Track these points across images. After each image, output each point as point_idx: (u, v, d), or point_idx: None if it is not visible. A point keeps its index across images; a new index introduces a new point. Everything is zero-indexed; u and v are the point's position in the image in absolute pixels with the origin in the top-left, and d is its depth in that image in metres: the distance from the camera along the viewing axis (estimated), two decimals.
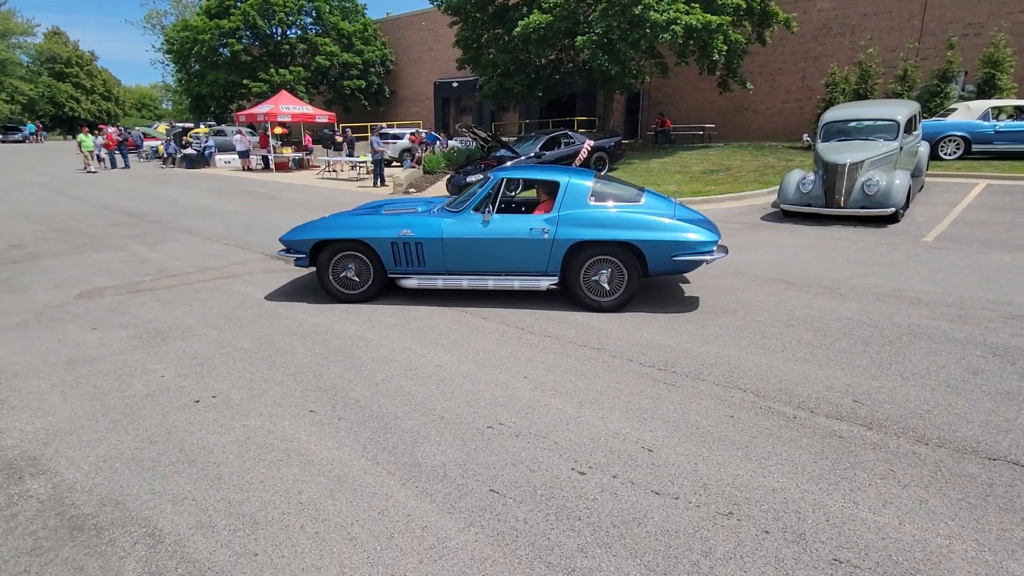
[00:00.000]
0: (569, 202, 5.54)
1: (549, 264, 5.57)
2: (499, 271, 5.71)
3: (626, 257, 5.40)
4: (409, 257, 5.78)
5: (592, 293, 5.54)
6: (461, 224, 5.66)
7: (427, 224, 5.71)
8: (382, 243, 5.75)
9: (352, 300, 5.96)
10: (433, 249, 5.70)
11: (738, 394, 3.81)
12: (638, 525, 2.59)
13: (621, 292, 5.49)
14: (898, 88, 16.91)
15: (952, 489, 2.77)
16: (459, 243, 5.64)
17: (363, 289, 5.95)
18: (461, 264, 5.74)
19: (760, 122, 23.09)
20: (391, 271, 5.89)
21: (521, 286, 5.70)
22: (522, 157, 14.19)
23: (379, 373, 4.27)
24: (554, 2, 17.07)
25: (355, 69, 34.43)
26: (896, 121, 9.47)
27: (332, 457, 3.19)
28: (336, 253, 5.89)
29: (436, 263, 5.77)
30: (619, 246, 5.39)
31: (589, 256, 5.46)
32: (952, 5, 18.67)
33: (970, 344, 4.46)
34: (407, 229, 5.70)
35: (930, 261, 6.82)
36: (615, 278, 5.48)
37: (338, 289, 5.98)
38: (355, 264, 5.90)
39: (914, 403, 3.60)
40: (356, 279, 5.93)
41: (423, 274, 5.85)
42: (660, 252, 5.33)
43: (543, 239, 5.47)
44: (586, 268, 5.51)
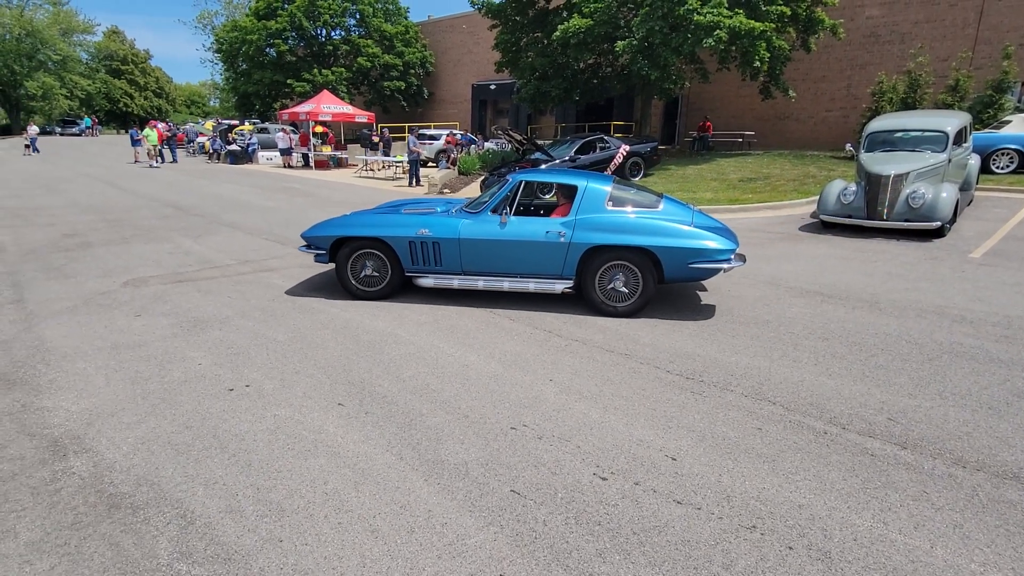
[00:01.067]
0: (587, 206, 5.54)
1: (565, 267, 5.58)
2: (514, 273, 5.75)
3: (642, 263, 5.38)
4: (426, 256, 5.85)
5: (607, 298, 5.53)
6: (478, 225, 5.71)
7: (445, 224, 5.77)
8: (400, 242, 5.83)
9: (369, 297, 6.06)
10: (450, 249, 5.76)
11: (767, 406, 3.74)
12: (658, 533, 2.57)
13: (636, 297, 5.47)
14: (949, 99, 16.34)
15: (989, 515, 2.68)
16: (476, 244, 5.69)
17: (380, 287, 6.03)
18: (477, 265, 5.79)
19: (802, 130, 22.59)
20: (408, 270, 5.97)
21: (536, 288, 5.71)
22: (556, 160, 14.19)
23: (406, 370, 4.33)
24: (594, 6, 17.04)
25: (395, 71, 34.95)
26: (945, 132, 9.16)
27: (358, 450, 3.25)
28: (355, 251, 5.99)
29: (452, 263, 5.83)
30: (635, 251, 5.37)
31: (605, 261, 5.45)
32: (1009, 13, 17.98)
33: (1016, 365, 4.29)
34: (425, 229, 5.77)
35: (976, 278, 6.58)
36: (630, 283, 5.46)
37: (356, 286, 6.07)
38: (373, 262, 5.99)
39: (952, 424, 3.48)
40: (374, 276, 6.02)
41: (439, 274, 5.92)
42: (676, 258, 5.30)
43: (559, 242, 5.49)
44: (601, 272, 5.51)
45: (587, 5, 17.22)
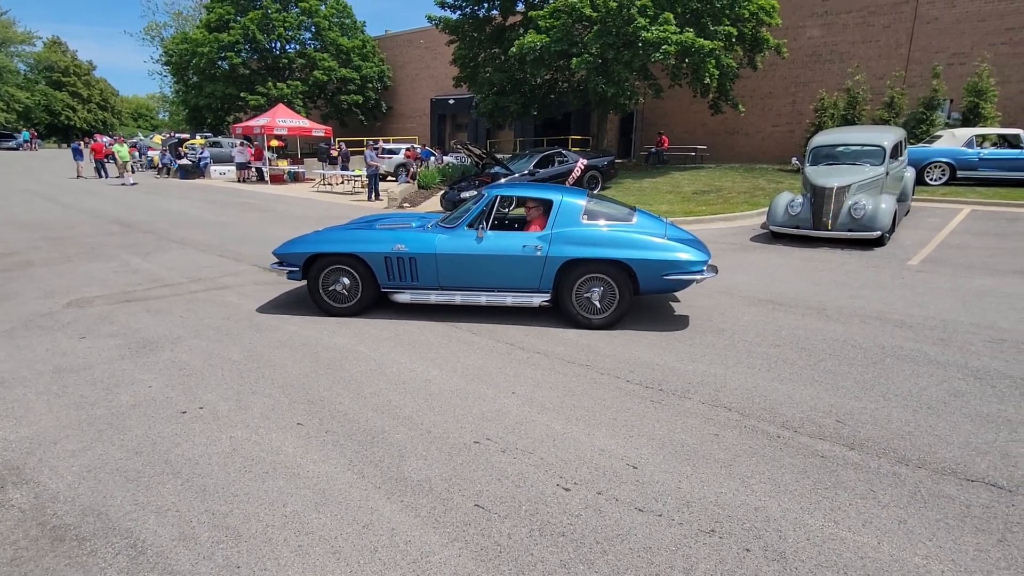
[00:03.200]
0: (562, 220, 5.59)
1: (542, 281, 5.62)
2: (492, 287, 5.76)
3: (618, 275, 5.45)
4: (403, 272, 5.82)
5: (584, 310, 5.58)
6: (455, 240, 5.71)
7: (421, 239, 5.75)
8: (376, 258, 5.79)
9: (341, 313, 5.98)
10: (427, 264, 5.74)
11: (723, 413, 3.85)
12: (621, 542, 2.61)
13: (613, 310, 5.53)
14: (885, 114, 17.23)
15: (931, 510, 2.81)
16: (452, 259, 5.68)
17: (353, 303, 5.97)
18: (454, 280, 5.78)
19: (751, 145, 23.40)
20: (384, 286, 5.92)
21: (514, 302, 5.73)
22: (516, 174, 14.32)
23: (368, 387, 4.28)
24: (550, 23, 17.34)
25: (353, 84, 34.71)
26: (882, 146, 9.65)
27: (318, 470, 3.19)
28: (326, 267, 5.92)
29: (429, 278, 5.81)
30: (611, 264, 5.44)
31: (581, 274, 5.51)
32: (937, 35, 19.12)
33: (951, 367, 4.53)
34: (401, 244, 5.75)
35: (915, 284, 6.93)
36: (607, 296, 5.53)
37: (328, 302, 6.00)
38: (346, 278, 5.92)
39: (895, 424, 3.65)
40: (346, 293, 5.96)
41: (416, 289, 5.89)
42: (651, 271, 5.39)
43: (536, 256, 5.53)
44: (578, 285, 5.55)
45: (543, 22, 17.51)
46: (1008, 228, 9.99)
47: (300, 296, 6.75)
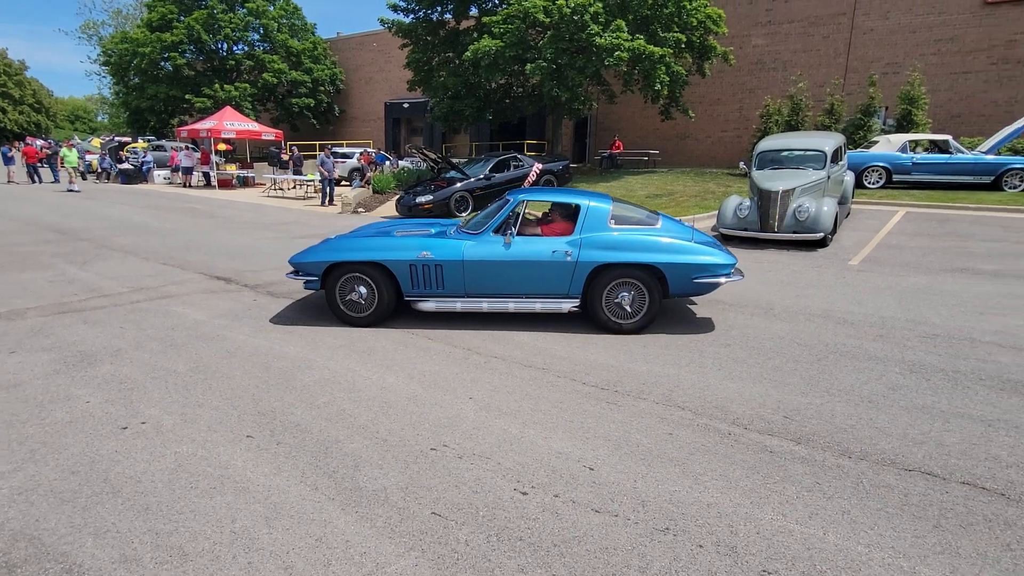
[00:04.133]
0: (590, 225, 5.56)
1: (571, 286, 5.56)
2: (520, 293, 5.66)
3: (648, 279, 5.45)
4: (428, 280, 5.66)
5: (614, 315, 5.54)
6: (482, 246, 5.60)
7: (448, 246, 5.62)
8: (400, 265, 5.62)
9: (359, 324, 5.80)
10: (453, 271, 5.60)
11: (677, 412, 3.92)
12: (578, 544, 2.62)
13: (643, 314, 5.51)
14: (826, 120, 17.97)
15: (872, 499, 2.93)
16: (480, 265, 5.56)
17: (370, 312, 5.77)
18: (481, 287, 5.66)
19: (701, 149, 24.04)
20: (408, 294, 5.75)
21: (543, 309, 5.64)
22: (471, 179, 14.31)
23: (321, 396, 4.19)
24: (504, 28, 17.43)
25: (304, 87, 34.02)
26: (823, 152, 10.06)
27: (269, 483, 3.10)
28: (344, 275, 5.73)
29: (456, 286, 5.67)
30: (642, 268, 5.44)
31: (612, 279, 5.48)
32: (873, 45, 20.07)
33: (890, 361, 4.75)
34: (427, 251, 5.59)
35: (855, 283, 7.23)
36: (636, 300, 5.50)
37: (346, 313, 5.81)
38: (363, 287, 5.73)
39: (839, 418, 3.80)
40: (363, 302, 5.77)
41: (442, 297, 5.73)
42: (682, 274, 5.42)
43: (566, 262, 5.48)
44: (608, 291, 5.52)
45: (497, 27, 17.58)
46: (939, 229, 10.55)
47: (249, 305, 6.56)
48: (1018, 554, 2.53)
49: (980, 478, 3.10)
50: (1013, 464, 3.23)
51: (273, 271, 8.26)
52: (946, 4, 18.73)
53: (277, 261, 8.98)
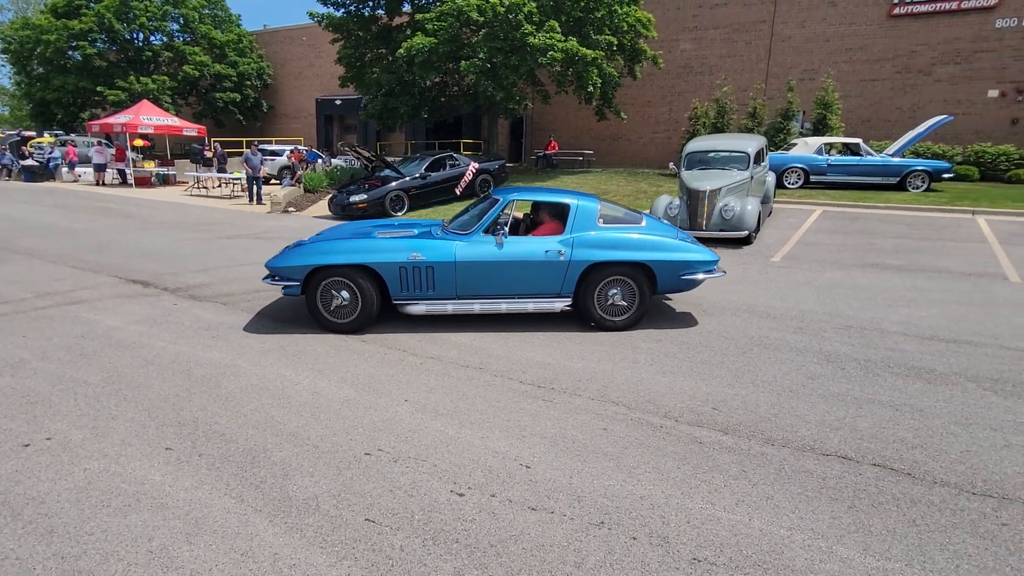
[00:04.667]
0: (580, 224, 5.59)
1: (564, 285, 5.58)
2: (512, 294, 5.61)
3: (638, 277, 5.55)
4: (419, 282, 5.50)
5: (606, 313, 5.61)
6: (474, 247, 5.50)
7: (439, 247, 5.48)
8: (390, 268, 5.42)
9: (343, 330, 5.53)
10: (445, 273, 5.47)
11: (611, 407, 3.99)
12: (515, 543, 2.62)
13: (634, 311, 5.61)
14: (749, 123, 18.80)
15: (793, 484, 3.08)
16: (473, 266, 5.47)
17: (354, 317, 5.52)
18: (473, 288, 5.57)
19: (633, 150, 24.66)
20: (396, 297, 5.56)
21: (535, 308, 5.62)
22: (406, 177, 14.11)
23: (248, 403, 4.01)
24: (438, 25, 17.27)
25: (229, 81, 32.54)
26: (747, 153, 10.52)
27: (190, 498, 2.94)
28: (327, 279, 5.45)
29: (447, 288, 5.54)
30: (632, 266, 5.53)
31: (604, 277, 5.54)
32: (791, 52, 21.17)
33: (809, 352, 5.01)
34: (418, 253, 5.43)
35: (777, 279, 7.60)
36: (627, 297, 5.60)
37: (330, 319, 5.54)
38: (345, 291, 5.47)
39: (763, 408, 3.97)
40: (346, 307, 5.51)
41: (432, 299, 5.58)
42: (670, 271, 5.57)
43: (559, 261, 5.48)
44: (600, 288, 5.57)
45: (431, 24, 17.41)
46: (851, 226, 11.24)
47: (169, 309, 6.22)
48: (922, 529, 2.71)
49: (889, 460, 3.31)
50: (918, 445, 3.47)
51: (196, 273, 7.86)
52: (856, 15, 19.98)
53: (201, 262, 8.56)
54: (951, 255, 8.83)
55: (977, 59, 18.57)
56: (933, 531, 2.70)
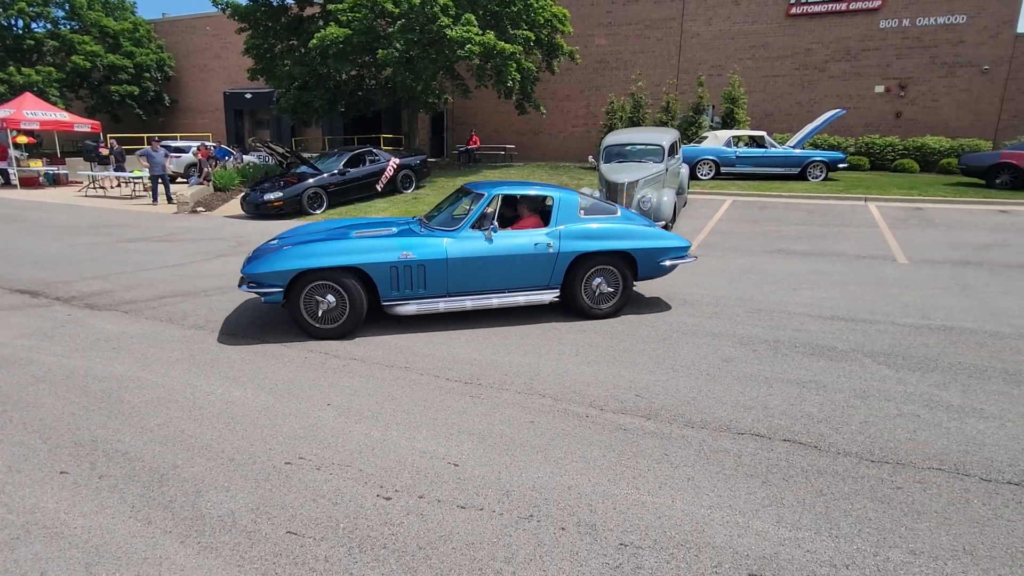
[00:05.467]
0: (564, 216, 5.72)
1: (552, 277, 5.68)
2: (503, 288, 5.63)
3: (621, 265, 5.77)
4: (410, 281, 5.36)
5: (593, 302, 5.77)
6: (464, 243, 5.44)
7: (428, 244, 5.38)
8: (380, 268, 5.23)
9: (330, 336, 5.26)
10: (437, 271, 5.37)
11: (538, 400, 4.02)
12: (444, 543, 2.58)
13: (618, 298, 5.83)
14: (663, 117, 19.47)
15: (712, 464, 3.21)
16: (464, 262, 5.41)
17: (342, 322, 5.27)
18: (465, 284, 5.52)
19: (554, 144, 24.98)
20: (386, 298, 5.37)
21: (526, 301, 5.68)
22: (324, 174, 13.66)
23: (154, 418, 3.75)
24: (351, 16, 16.77)
25: (125, 73, 30.23)
26: (662, 146, 10.87)
27: (89, 524, 2.70)
28: (309, 284, 5.14)
29: (438, 285, 5.44)
30: (616, 255, 5.74)
31: (590, 267, 5.70)
32: (700, 49, 22.07)
33: (723, 336, 5.24)
34: (408, 251, 5.29)
35: (693, 267, 7.90)
36: (611, 285, 5.80)
37: (315, 325, 5.24)
38: (331, 295, 5.20)
39: (683, 392, 4.12)
40: (334, 311, 5.24)
41: (424, 298, 5.45)
42: (650, 258, 5.84)
43: (548, 253, 5.57)
44: (586, 278, 5.72)
45: (344, 15, 16.87)
46: (759, 215, 11.88)
47: (62, 321, 5.72)
48: (828, 498, 2.90)
49: (798, 434, 3.52)
50: (823, 419, 3.71)
51: (93, 280, 7.28)
52: (757, 14, 21.07)
53: (99, 269, 7.94)
54: (847, 240, 9.51)
55: (865, 57, 20.05)
56: (838, 499, 2.89)
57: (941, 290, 6.68)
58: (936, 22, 19.03)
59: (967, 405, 3.87)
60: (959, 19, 18.77)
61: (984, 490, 2.94)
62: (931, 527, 2.66)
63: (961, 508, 2.80)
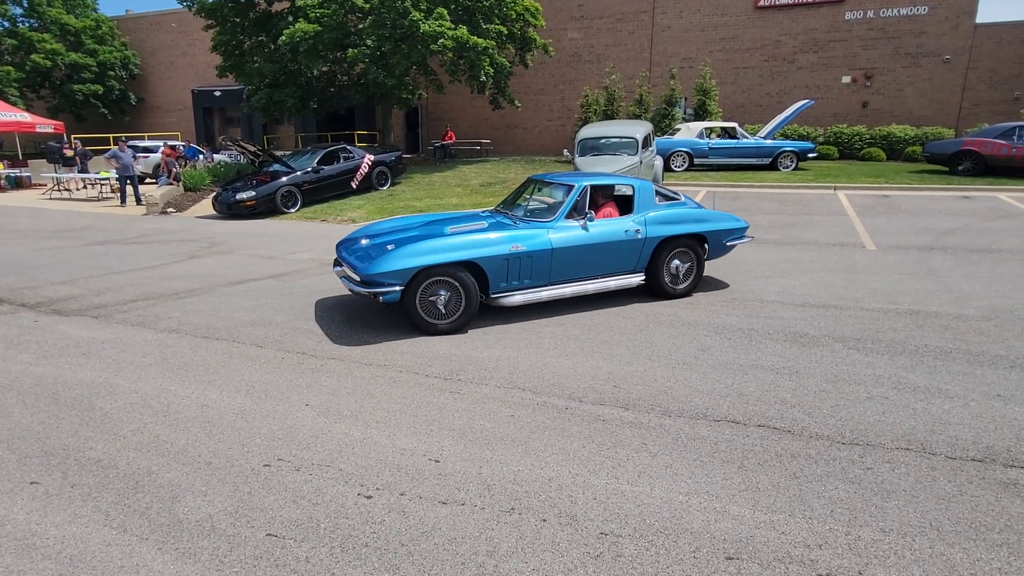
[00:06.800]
0: (644, 204, 6.06)
1: (639, 261, 5.99)
2: (597, 274, 5.86)
3: (695, 247, 6.18)
4: (518, 272, 5.48)
5: (672, 282, 6.13)
6: (564, 232, 5.63)
7: (533, 236, 5.51)
8: (494, 261, 5.32)
9: (446, 331, 5.27)
10: (542, 261, 5.53)
11: (518, 393, 4.04)
12: (426, 539, 2.59)
13: (693, 277, 6.22)
14: (637, 110, 19.61)
15: (689, 451, 3.26)
16: (567, 251, 5.61)
17: (457, 316, 5.30)
18: (565, 273, 5.70)
19: (529, 138, 24.99)
20: (495, 290, 5.47)
21: (616, 286, 5.93)
22: (298, 172, 13.49)
23: (127, 424, 3.68)
24: (321, 12, 16.54)
25: (88, 72, 29.42)
26: (636, 139, 10.97)
27: (62, 534, 2.65)
28: (424, 281, 5.14)
29: (542, 275, 5.61)
30: (692, 238, 6.14)
31: (671, 249, 6.05)
32: (671, 42, 22.24)
33: (699, 326, 5.32)
34: (518, 244, 5.41)
35: None
36: (688, 265, 6.17)
37: (431, 321, 5.25)
38: (444, 290, 5.22)
39: (660, 382, 4.17)
40: (448, 306, 5.27)
41: (528, 289, 5.60)
42: (719, 239, 6.34)
43: (637, 239, 5.87)
44: (667, 260, 6.06)
45: (313, 11, 16.63)
46: (733, 205, 12.03)
47: (29, 327, 5.58)
48: (802, 480, 2.97)
49: (772, 420, 3.59)
50: (796, 404, 3.79)
51: (61, 285, 7.10)
52: (727, 7, 21.28)
53: (66, 273, 7.75)
54: (818, 227, 9.70)
55: (831, 48, 20.40)
56: (811, 481, 2.96)
57: (908, 275, 6.85)
58: (899, 13, 19.44)
59: (933, 386, 3.99)
60: (921, 10, 19.20)
61: (949, 468, 3.04)
62: (900, 505, 2.75)
63: (928, 486, 2.89)
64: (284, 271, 7.81)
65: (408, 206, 12.86)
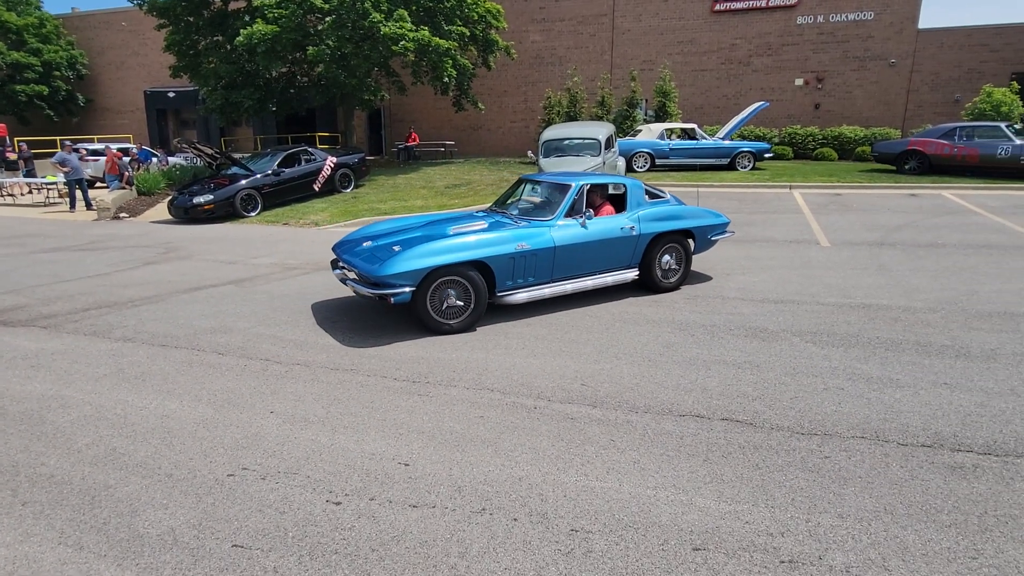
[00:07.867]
0: (635, 202, 6.26)
1: (633, 257, 6.18)
2: (595, 271, 6.02)
3: (684, 242, 6.43)
4: (524, 270, 5.59)
5: (664, 277, 6.33)
6: (565, 230, 5.75)
7: (536, 235, 5.62)
8: (501, 260, 5.39)
9: (455, 330, 5.30)
10: (545, 258, 5.65)
11: (487, 394, 4.04)
12: (397, 543, 2.57)
13: (682, 272, 6.46)
14: (599, 112, 19.83)
15: (655, 446, 3.32)
16: (568, 249, 5.73)
17: (467, 315, 5.35)
18: (566, 270, 5.84)
19: (493, 139, 25.03)
20: (501, 288, 5.54)
21: (613, 281, 6.10)
22: (257, 175, 13.21)
23: (82, 437, 3.55)
24: (279, 12, 16.24)
25: (31, 72, 28.22)
26: (598, 140, 11.10)
27: (13, 555, 2.55)
28: (435, 281, 5.16)
29: (544, 272, 5.73)
30: (682, 234, 6.40)
31: (663, 245, 6.26)
32: (631, 44, 22.57)
33: (663, 323, 5.42)
34: (523, 242, 5.50)
35: None
36: (676, 260, 6.40)
37: (441, 321, 5.28)
38: (452, 289, 5.26)
39: (627, 379, 4.23)
40: (459, 305, 5.31)
41: (532, 287, 5.70)
42: (705, 235, 6.62)
43: (631, 235, 6.05)
44: (659, 255, 6.25)
45: (271, 11, 16.31)
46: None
47: None
48: (764, 471, 3.06)
49: (735, 413, 3.68)
50: (757, 397, 3.89)
51: (5, 295, 6.81)
52: (684, 11, 21.72)
53: (11, 282, 7.42)
54: (775, 225, 9.98)
55: (784, 51, 21.02)
56: (772, 471, 3.05)
57: (860, 270, 7.11)
58: (847, 18, 20.15)
59: (885, 376, 4.16)
60: (867, 15, 19.95)
61: (901, 454, 3.18)
62: (856, 491, 2.85)
63: (882, 472, 3.01)
64: (245, 276, 7.65)
65: (373, 208, 12.72)
